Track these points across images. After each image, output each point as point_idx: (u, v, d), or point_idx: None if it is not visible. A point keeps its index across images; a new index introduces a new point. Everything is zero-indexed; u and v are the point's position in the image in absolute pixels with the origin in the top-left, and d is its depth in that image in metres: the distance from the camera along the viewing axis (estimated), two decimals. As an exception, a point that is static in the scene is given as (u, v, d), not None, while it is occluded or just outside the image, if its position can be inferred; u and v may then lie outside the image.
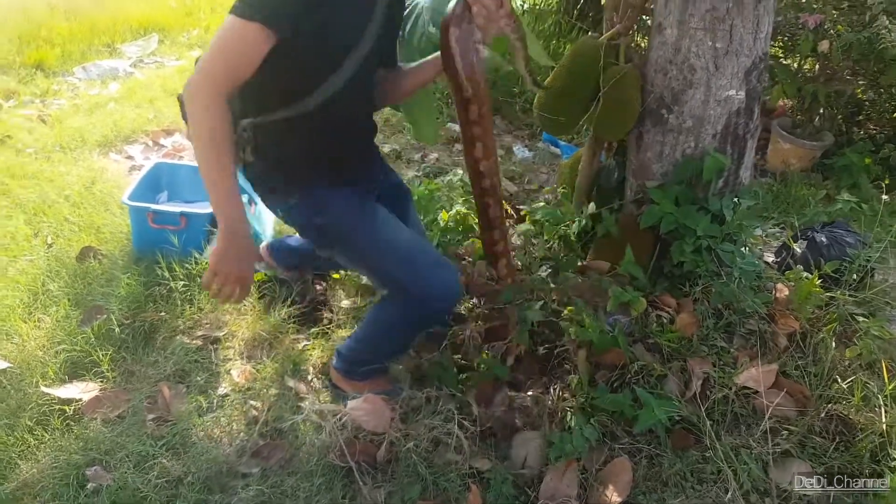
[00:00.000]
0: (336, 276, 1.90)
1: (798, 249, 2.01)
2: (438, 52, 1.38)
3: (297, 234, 1.70)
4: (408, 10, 1.76)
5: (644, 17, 2.28)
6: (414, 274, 1.38)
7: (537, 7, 4.12)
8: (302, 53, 1.22)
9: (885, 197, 2.47)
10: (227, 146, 1.15)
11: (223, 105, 1.13)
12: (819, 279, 1.75)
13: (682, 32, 1.70)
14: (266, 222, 2.17)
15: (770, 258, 2.12)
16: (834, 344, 1.60)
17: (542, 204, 1.97)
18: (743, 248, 1.81)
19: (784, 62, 3.13)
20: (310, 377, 1.60)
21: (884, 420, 1.42)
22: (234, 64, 1.14)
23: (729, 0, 1.65)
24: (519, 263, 1.83)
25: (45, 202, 2.27)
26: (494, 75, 3.00)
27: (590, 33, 3.78)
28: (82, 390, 1.49)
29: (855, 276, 1.84)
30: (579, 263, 1.85)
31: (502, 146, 2.99)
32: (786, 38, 3.19)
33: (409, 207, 1.65)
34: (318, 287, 1.91)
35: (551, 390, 1.54)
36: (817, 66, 3.03)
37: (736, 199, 1.80)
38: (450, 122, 3.09)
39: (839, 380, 1.52)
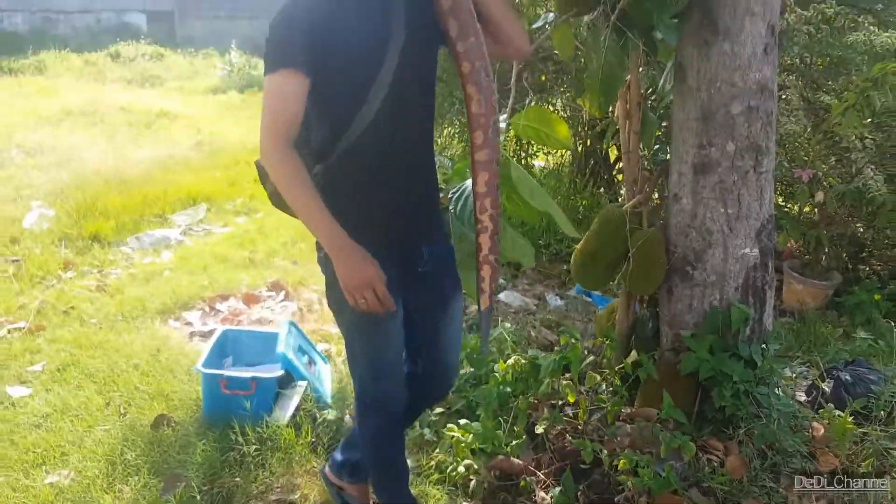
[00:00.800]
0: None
1: (826, 388, 2.17)
2: None
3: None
4: (457, 190, 2.05)
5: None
6: (361, 375, 1.47)
7: (553, 168, 4.59)
8: (327, 90, 1.27)
9: (897, 332, 2.67)
10: (307, 181, 1.24)
11: (290, 152, 1.23)
12: (850, 416, 1.90)
13: (697, 201, 2.00)
14: (325, 380, 2.35)
15: (802, 397, 2.27)
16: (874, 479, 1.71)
17: (591, 358, 2.16)
18: (777, 391, 1.98)
19: (786, 209, 3.45)
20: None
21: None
22: (280, 115, 1.23)
23: (734, 174, 1.95)
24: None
25: (115, 371, 2.47)
26: (523, 227, 3.30)
27: (601, 189, 4.21)
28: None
29: (882, 412, 1.99)
30: (628, 410, 2.00)
31: (535, 295, 3.24)
32: (784, 187, 3.54)
33: (448, 274, 1.53)
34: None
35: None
36: (816, 212, 3.34)
37: (764, 345, 1.99)
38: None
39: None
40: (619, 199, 3.90)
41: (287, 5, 1.25)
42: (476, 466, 1.84)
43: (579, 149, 4.19)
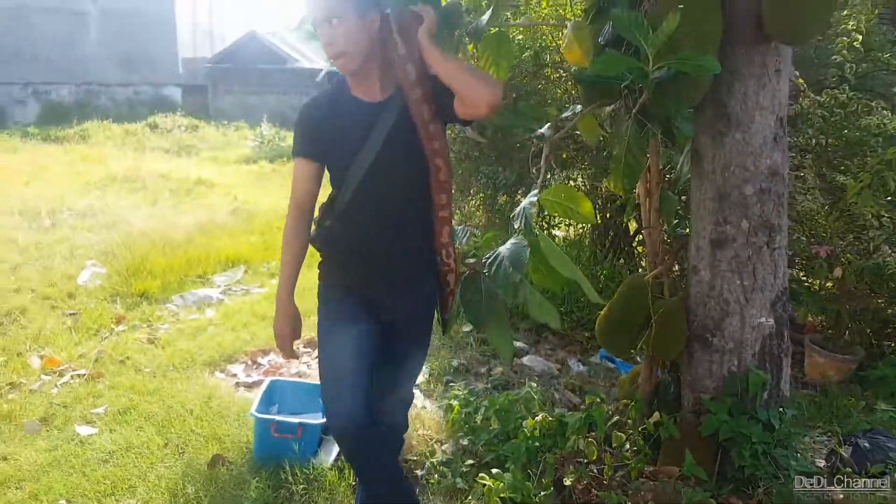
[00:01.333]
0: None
1: (845, 454, 2.31)
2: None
3: None
4: (491, 256, 2.32)
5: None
6: (325, 396, 1.73)
7: (574, 239, 4.87)
8: (329, 169, 1.75)
9: (920, 406, 2.79)
10: (289, 245, 1.77)
11: (294, 220, 1.75)
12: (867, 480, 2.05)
13: (715, 274, 2.23)
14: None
15: (821, 462, 2.41)
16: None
17: (616, 418, 2.35)
18: (795, 454, 2.14)
19: (806, 284, 3.64)
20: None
21: None
22: (294, 192, 1.75)
23: (749, 249, 2.19)
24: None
25: (171, 415, 2.71)
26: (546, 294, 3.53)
27: (622, 261, 4.45)
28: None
29: (899, 479, 2.12)
30: (650, 468, 2.17)
31: (557, 360, 3.44)
32: (804, 262, 3.75)
33: (407, 329, 1.86)
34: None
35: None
36: (836, 287, 3.53)
37: (781, 409, 2.17)
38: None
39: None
40: (639, 270, 4.15)
41: (302, 106, 1.76)
42: (508, 513, 2.01)
43: (600, 221, 4.47)
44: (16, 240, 5.59)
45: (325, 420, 2.43)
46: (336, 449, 2.35)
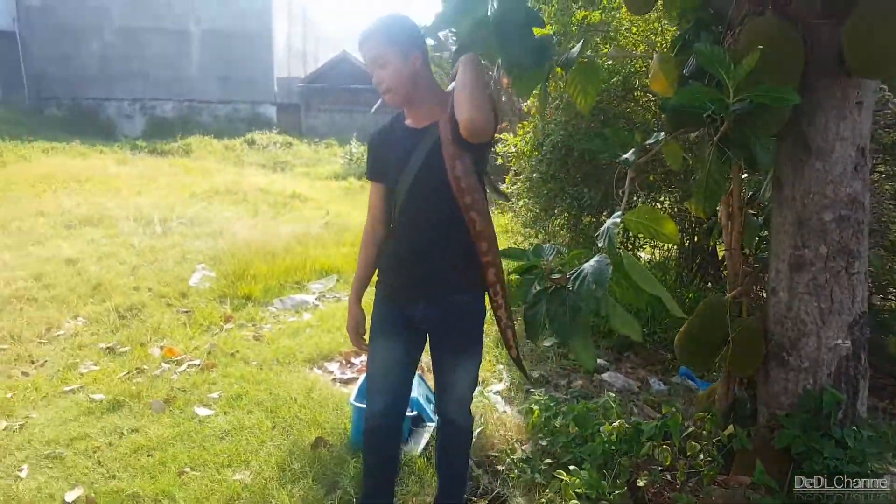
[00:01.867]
0: None
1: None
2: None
3: None
4: (574, 272, 2.54)
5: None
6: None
7: (659, 261, 4.99)
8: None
9: None
10: (362, 255, 2.10)
11: (366, 237, 2.08)
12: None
13: (792, 296, 2.36)
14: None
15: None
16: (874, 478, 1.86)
17: (691, 429, 2.51)
18: (869, 473, 2.23)
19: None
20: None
21: None
22: (370, 208, 2.06)
23: (826, 273, 2.32)
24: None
25: (277, 402, 3.09)
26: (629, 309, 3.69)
27: (709, 284, 4.55)
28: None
29: None
30: (722, 477, 2.32)
31: (638, 378, 3.60)
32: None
33: (444, 338, 2.03)
34: None
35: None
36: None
37: (855, 428, 2.27)
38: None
39: None
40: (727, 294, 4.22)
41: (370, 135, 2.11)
42: (583, 507, 2.22)
43: (687, 244, 4.58)
44: (133, 244, 6.28)
45: (414, 413, 2.72)
46: (425, 438, 2.63)
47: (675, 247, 4.96)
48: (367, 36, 1.89)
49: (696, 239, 4.57)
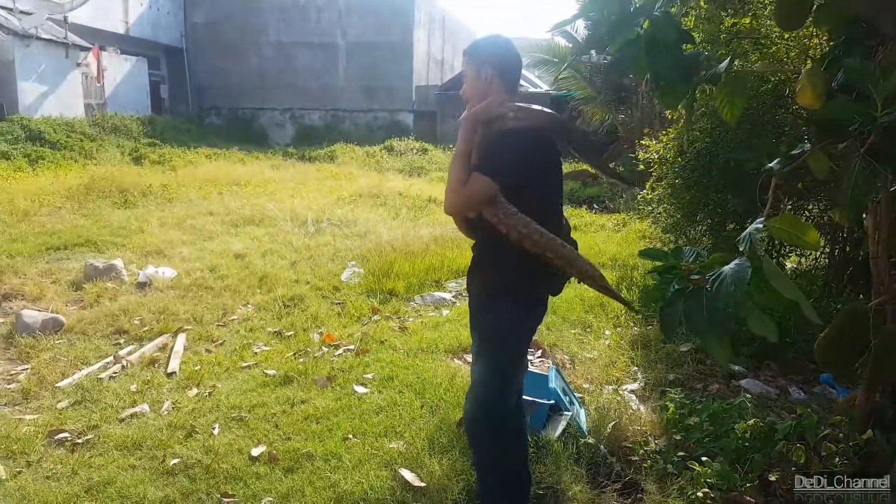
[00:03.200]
0: None
1: None
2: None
3: None
4: (714, 274, 2.68)
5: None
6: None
7: (805, 270, 4.89)
8: None
9: None
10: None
11: None
12: None
13: (941, 304, 2.38)
14: (582, 417, 3.06)
15: None
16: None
17: (827, 431, 2.58)
18: None
19: None
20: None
21: None
22: None
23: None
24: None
25: (424, 385, 3.48)
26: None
27: (860, 296, 4.41)
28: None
29: None
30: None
31: (777, 386, 3.62)
32: None
33: (473, 314, 2.43)
34: None
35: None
36: None
37: None
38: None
39: None
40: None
41: None
42: (713, 496, 2.37)
43: (837, 254, 4.47)
44: (291, 242, 7.04)
45: (552, 402, 2.99)
46: (561, 425, 2.89)
47: (824, 256, 4.83)
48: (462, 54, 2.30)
49: (847, 248, 4.45)
